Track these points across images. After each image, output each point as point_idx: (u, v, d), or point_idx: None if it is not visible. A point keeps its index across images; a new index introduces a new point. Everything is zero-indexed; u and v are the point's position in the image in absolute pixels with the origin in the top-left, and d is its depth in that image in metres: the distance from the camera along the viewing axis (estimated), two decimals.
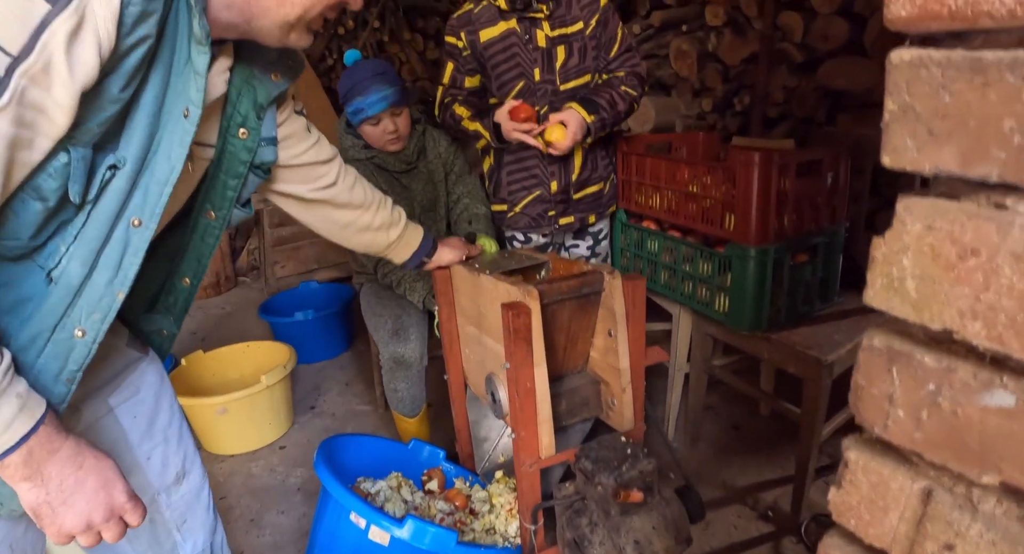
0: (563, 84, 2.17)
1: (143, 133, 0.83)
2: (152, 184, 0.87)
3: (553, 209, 2.28)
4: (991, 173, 0.50)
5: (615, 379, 1.53)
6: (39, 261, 0.84)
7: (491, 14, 2.15)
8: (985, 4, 0.47)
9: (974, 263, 0.52)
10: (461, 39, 2.21)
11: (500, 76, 2.19)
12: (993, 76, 0.48)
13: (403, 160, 2.30)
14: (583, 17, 2.13)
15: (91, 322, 0.88)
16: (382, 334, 2.21)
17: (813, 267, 2.06)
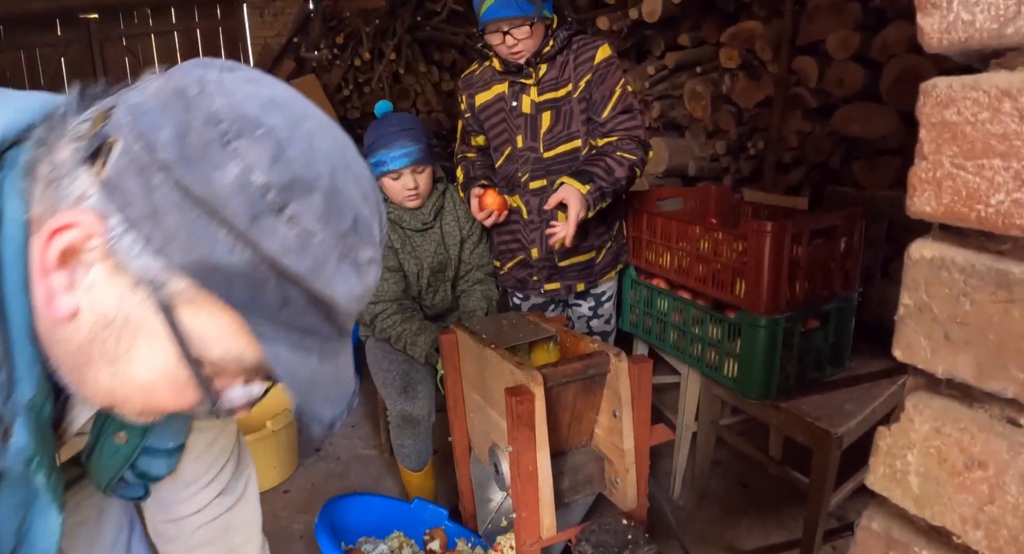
0: (547, 151, 2.11)
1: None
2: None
3: (537, 275, 2.25)
4: (1007, 390, 0.48)
5: (619, 459, 1.51)
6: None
7: (488, 76, 2.16)
8: (1018, 217, 0.45)
9: (980, 475, 0.50)
10: (464, 101, 2.24)
11: (492, 140, 2.20)
12: (1019, 294, 0.46)
13: (419, 219, 2.26)
14: (574, 79, 2.07)
15: None
16: (390, 391, 2.20)
17: (825, 333, 2.04)
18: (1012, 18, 0.43)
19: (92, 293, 0.54)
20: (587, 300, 2.35)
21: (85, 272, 0.54)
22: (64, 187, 0.53)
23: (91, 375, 0.58)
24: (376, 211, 0.60)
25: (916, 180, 0.48)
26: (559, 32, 2.04)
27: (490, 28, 1.97)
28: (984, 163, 0.45)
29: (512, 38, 1.95)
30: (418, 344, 2.17)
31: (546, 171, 2.12)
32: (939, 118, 0.47)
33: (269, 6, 6.49)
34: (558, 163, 2.12)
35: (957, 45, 0.46)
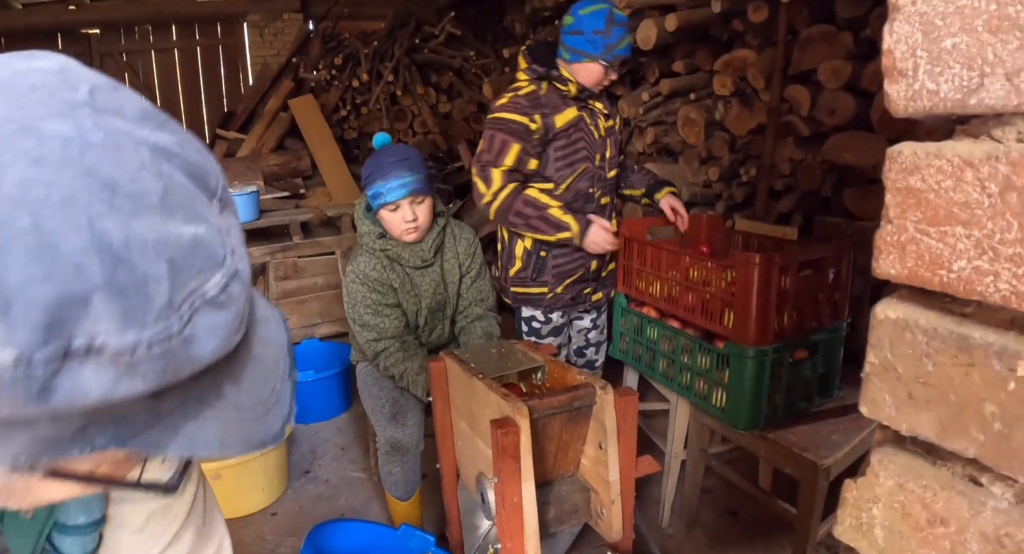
0: (609, 172, 2.41)
1: None
2: None
3: (589, 287, 2.42)
4: (968, 450, 0.48)
5: (604, 490, 1.50)
6: None
7: (556, 99, 2.24)
8: (979, 284, 0.46)
9: (942, 531, 0.51)
10: (535, 121, 2.17)
11: (563, 158, 2.25)
12: (979, 358, 0.46)
13: (419, 255, 2.21)
14: (613, 115, 2.40)
15: None
16: (379, 418, 2.19)
17: (813, 364, 2.05)
18: (975, 89, 0.44)
19: None
20: (591, 312, 2.52)
21: None
22: None
23: None
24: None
25: (882, 243, 0.49)
26: None
27: (616, 61, 2.19)
28: (947, 230, 0.46)
29: (614, 73, 2.24)
30: (419, 383, 2.15)
31: (609, 190, 2.44)
32: (904, 184, 0.48)
33: (269, 26, 6.53)
34: (613, 185, 2.47)
35: (922, 112, 0.47)
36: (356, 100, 6.09)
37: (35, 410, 0.36)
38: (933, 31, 0.44)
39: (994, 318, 0.47)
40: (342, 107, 6.10)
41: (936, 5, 0.44)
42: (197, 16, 6.62)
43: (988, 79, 0.42)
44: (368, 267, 2.19)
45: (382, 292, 2.19)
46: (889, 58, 0.46)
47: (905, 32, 0.45)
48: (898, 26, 0.46)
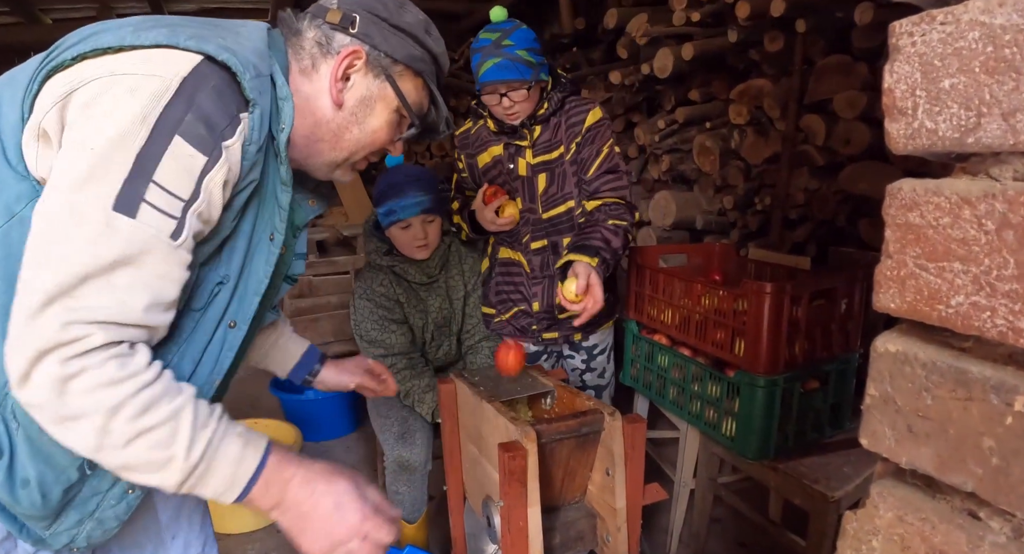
0: (545, 212, 2.15)
1: (241, 254, 1.03)
2: (246, 294, 1.06)
3: (536, 324, 2.27)
4: (966, 484, 0.49)
5: (611, 516, 1.50)
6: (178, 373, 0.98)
7: (484, 136, 2.19)
8: (976, 319, 0.47)
9: None
10: (462, 160, 2.26)
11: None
12: (977, 393, 0.47)
13: (425, 272, 2.26)
14: (566, 141, 2.09)
15: None
16: (387, 437, 2.19)
17: (824, 394, 2.03)
18: (972, 129, 0.45)
19: (353, 90, 1.09)
20: (579, 353, 2.35)
21: (350, 81, 1.09)
22: (329, 42, 1.07)
23: (345, 141, 1.12)
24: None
25: (881, 277, 0.50)
26: (553, 94, 2.06)
27: (487, 89, 1.99)
28: (945, 266, 0.46)
29: (509, 100, 1.98)
30: (426, 401, 2.17)
31: (545, 232, 2.17)
32: (903, 220, 0.49)
33: None
34: (555, 224, 2.16)
35: (921, 150, 0.48)
36: None
37: None
38: (932, 72, 0.45)
39: (992, 353, 0.47)
40: None
41: (935, 46, 0.45)
42: None
43: (985, 119, 0.43)
44: (375, 282, 2.23)
45: (388, 308, 2.22)
46: (889, 97, 0.48)
47: (905, 72, 0.47)
48: (898, 66, 0.47)
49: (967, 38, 0.43)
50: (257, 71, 0.95)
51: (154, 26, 0.91)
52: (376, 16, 1.09)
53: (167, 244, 0.86)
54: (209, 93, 0.88)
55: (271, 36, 1.07)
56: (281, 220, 1.07)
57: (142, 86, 0.85)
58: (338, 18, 1.08)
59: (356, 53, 1.07)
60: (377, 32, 1.09)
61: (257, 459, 0.92)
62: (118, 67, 0.86)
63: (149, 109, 0.84)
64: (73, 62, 0.89)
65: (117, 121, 0.83)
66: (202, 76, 0.88)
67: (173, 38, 0.89)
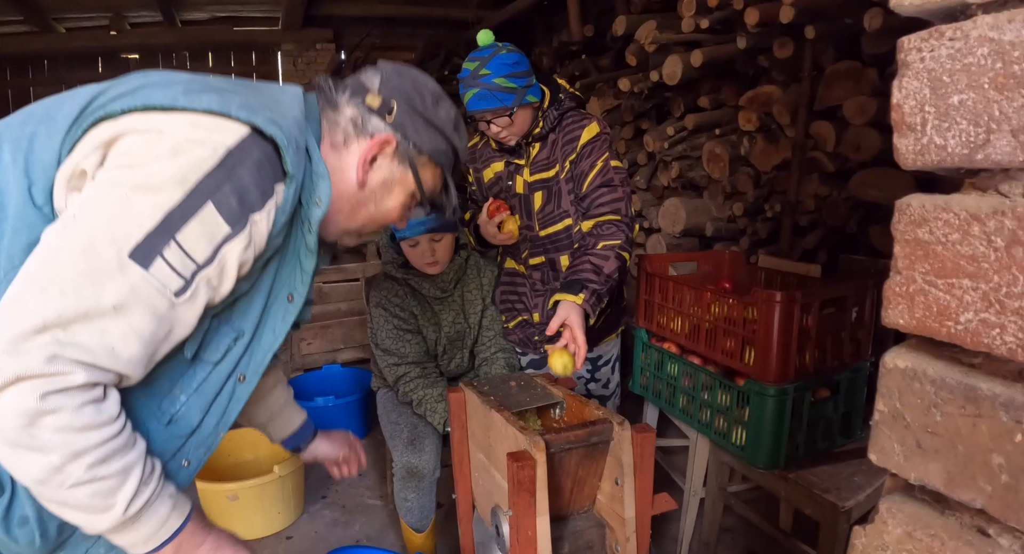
0: (542, 230, 2.14)
1: (258, 311, 1.08)
2: (258, 349, 1.11)
3: (538, 335, 2.28)
4: (975, 500, 0.48)
5: (620, 526, 1.49)
6: (163, 407, 1.03)
7: (487, 153, 2.21)
8: (985, 336, 0.46)
9: None
10: (470, 173, 2.29)
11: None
12: (987, 410, 0.46)
13: (439, 286, 2.27)
14: (561, 160, 2.08)
15: (196, 455, 1.09)
16: (397, 443, 2.20)
17: (835, 403, 2.02)
18: (982, 145, 0.45)
19: (377, 172, 1.16)
20: (584, 363, 2.32)
21: (376, 163, 1.15)
22: (365, 125, 1.13)
23: (360, 215, 1.19)
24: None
25: (891, 293, 0.50)
26: (549, 111, 2.05)
27: (476, 116, 2.00)
28: (954, 282, 0.46)
29: (495, 126, 1.98)
30: (438, 411, 2.17)
31: (543, 249, 2.17)
32: (912, 235, 0.48)
33: (303, 55, 6.68)
34: (553, 242, 2.16)
35: (930, 166, 0.48)
36: None
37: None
38: (941, 87, 0.45)
39: (1002, 369, 0.47)
40: None
41: (944, 62, 0.45)
42: (233, 44, 6.80)
43: (994, 135, 0.43)
44: (391, 293, 2.26)
45: (403, 318, 2.24)
46: (898, 113, 0.47)
47: (914, 88, 0.46)
48: (907, 82, 0.47)
49: (976, 54, 0.43)
50: (298, 145, 0.99)
51: (204, 90, 0.94)
52: (413, 108, 1.14)
53: (169, 300, 0.88)
54: (249, 167, 0.92)
55: (307, 102, 1.12)
56: (303, 283, 1.12)
57: (187, 150, 0.88)
58: (377, 103, 1.13)
59: (387, 141, 1.13)
60: (411, 123, 1.14)
61: (179, 522, 0.97)
62: (167, 126, 0.90)
63: (189, 173, 0.87)
64: (121, 114, 0.91)
65: (156, 176, 0.86)
66: (246, 149, 0.92)
67: (224, 106, 0.93)
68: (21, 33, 6.07)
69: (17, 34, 6.07)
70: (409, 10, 6.30)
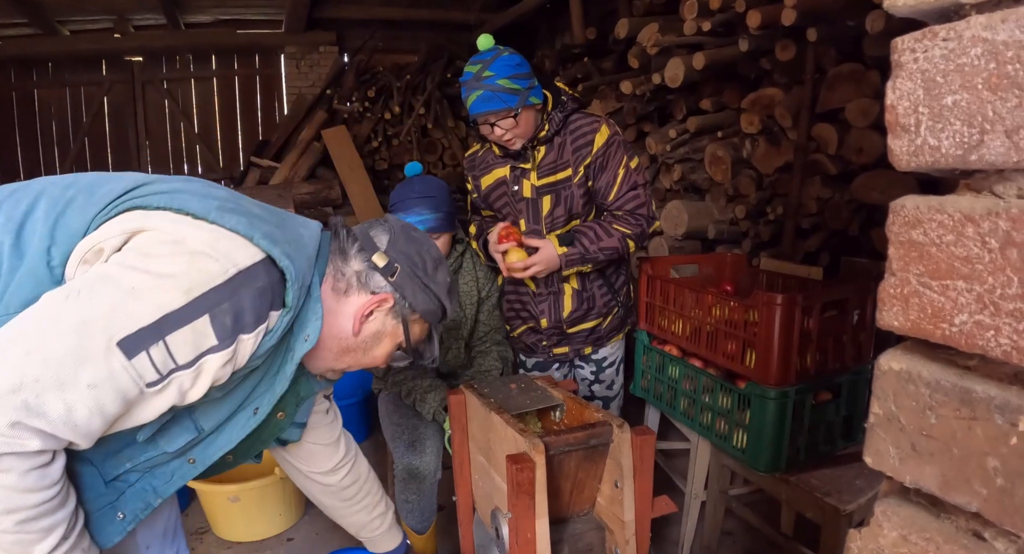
0: (550, 233, 2.13)
1: (223, 415, 1.13)
2: (212, 445, 1.16)
3: (546, 340, 2.29)
4: (971, 504, 0.48)
5: (619, 529, 1.49)
6: (105, 468, 1.07)
7: (490, 158, 2.20)
8: (980, 338, 0.46)
9: None
10: (470, 181, 2.30)
11: (499, 219, 2.25)
12: (982, 412, 0.46)
13: None
14: (573, 164, 2.07)
15: (132, 511, 1.12)
16: (398, 445, 2.20)
17: (837, 406, 2.01)
18: (975, 146, 0.44)
19: (371, 324, 1.24)
20: (589, 364, 2.36)
21: (372, 317, 1.23)
22: (368, 281, 1.21)
23: (347, 358, 1.26)
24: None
25: (885, 295, 0.50)
26: (554, 114, 2.05)
27: (478, 120, 2.01)
28: (948, 284, 0.46)
29: (499, 129, 1.98)
30: (427, 401, 2.18)
31: None
32: (907, 237, 0.48)
33: (306, 58, 6.70)
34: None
35: (925, 167, 0.48)
36: (388, 132, 6.20)
37: None
38: (934, 88, 0.45)
39: (997, 372, 0.47)
40: (374, 138, 6.20)
41: (937, 63, 0.44)
42: (236, 47, 6.82)
43: (988, 136, 0.43)
44: None
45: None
46: (892, 114, 0.47)
47: (907, 89, 0.46)
48: (900, 83, 0.47)
49: (969, 54, 0.43)
50: (303, 282, 1.06)
51: (236, 211, 1.01)
52: (414, 273, 1.25)
53: (140, 389, 0.92)
54: (252, 292, 0.98)
55: (322, 240, 1.20)
56: (269, 403, 1.17)
57: (201, 263, 0.94)
58: (383, 263, 1.22)
59: (386, 300, 1.22)
60: (410, 286, 1.24)
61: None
62: (190, 234, 0.95)
63: (196, 284, 0.93)
64: (156, 209, 0.97)
65: (164, 279, 0.91)
66: (254, 275, 0.98)
67: (250, 231, 0.99)
68: (25, 35, 6.10)
69: (21, 36, 6.10)
70: (412, 13, 6.32)
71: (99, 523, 1.08)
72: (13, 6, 5.28)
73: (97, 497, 1.08)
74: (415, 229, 1.31)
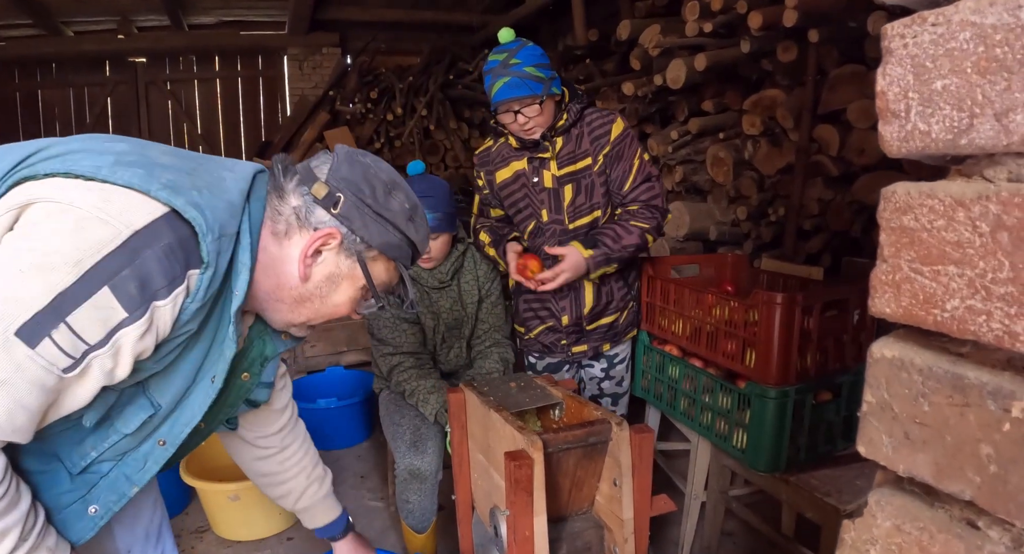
0: (572, 223, 2.17)
1: (178, 389, 1.06)
2: (178, 423, 1.09)
3: (565, 339, 2.30)
4: (964, 492, 0.48)
5: (618, 528, 1.48)
6: (73, 458, 1.03)
7: (506, 152, 2.21)
8: (972, 324, 0.46)
9: None
10: (482, 178, 2.29)
11: (515, 215, 2.26)
12: (974, 399, 0.46)
13: (436, 277, 2.29)
14: (592, 152, 2.11)
15: (105, 503, 1.07)
16: (399, 444, 2.20)
17: (837, 406, 2.01)
18: (965, 130, 0.44)
19: (322, 266, 1.10)
20: (600, 361, 2.37)
21: (321, 258, 1.09)
22: (308, 216, 1.07)
23: (304, 308, 1.13)
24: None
25: (877, 281, 0.50)
26: (571, 106, 2.09)
27: (501, 108, 2.03)
28: (940, 269, 0.46)
29: (523, 116, 2.01)
30: (430, 402, 2.17)
31: (571, 241, 2.16)
32: (898, 223, 0.48)
33: (309, 59, 6.71)
34: (582, 234, 2.16)
35: (915, 153, 0.48)
36: (390, 133, 6.21)
37: None
38: (924, 73, 0.45)
39: (989, 358, 0.46)
40: (376, 140, 6.21)
41: (926, 48, 0.44)
42: (239, 48, 6.84)
43: (978, 120, 0.43)
44: None
45: (400, 306, 2.25)
46: (882, 100, 0.47)
47: (897, 74, 0.46)
48: (891, 69, 0.47)
49: (958, 39, 0.43)
50: (222, 231, 0.93)
51: (134, 164, 0.90)
52: (361, 201, 1.08)
53: (57, 377, 0.85)
54: (156, 253, 0.87)
55: (256, 184, 1.06)
56: (222, 370, 1.07)
57: (89, 228, 0.84)
58: (323, 193, 1.06)
59: (331, 234, 1.07)
60: (358, 217, 1.08)
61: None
62: (78, 198, 0.85)
63: (86, 254, 0.83)
64: (44, 177, 0.87)
65: (52, 254, 0.82)
66: (156, 233, 0.87)
67: (146, 183, 0.88)
68: (29, 36, 6.12)
69: (25, 37, 6.12)
70: (415, 15, 6.33)
71: (68, 519, 1.04)
72: (18, 7, 5.30)
73: (63, 494, 1.03)
74: (364, 153, 1.15)
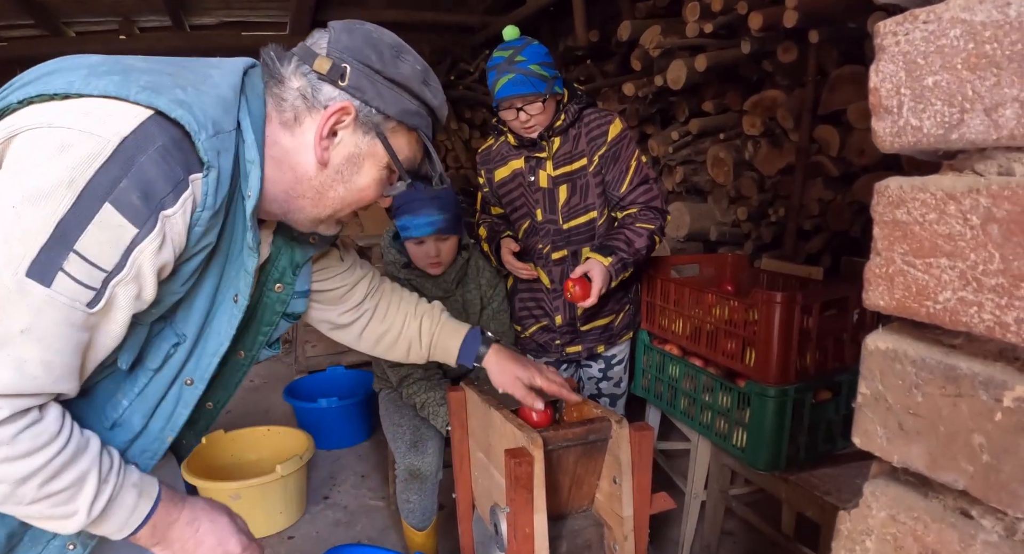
0: (566, 223, 2.18)
1: (200, 314, 1.01)
2: (204, 354, 1.04)
3: (559, 339, 2.31)
4: (958, 482, 0.49)
5: (618, 525, 1.49)
6: (105, 412, 0.99)
7: (505, 151, 2.23)
8: (964, 315, 0.47)
9: None
10: (483, 176, 2.31)
11: (512, 213, 2.28)
12: (967, 389, 0.47)
13: (440, 286, 2.28)
14: (588, 153, 2.12)
15: (143, 459, 1.04)
16: (399, 445, 2.20)
17: (836, 405, 2.01)
18: (956, 125, 0.45)
19: (340, 148, 1.01)
20: (597, 362, 2.38)
21: (337, 138, 1.01)
22: (315, 95, 0.98)
23: (328, 199, 1.04)
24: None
25: (871, 274, 0.50)
26: (570, 106, 2.10)
27: (504, 105, 2.04)
28: (932, 262, 0.47)
29: (525, 114, 2.02)
30: (440, 415, 2.17)
31: (566, 242, 2.21)
32: (891, 217, 0.49)
33: None
34: (577, 234, 2.19)
35: (908, 147, 0.48)
36: None
37: None
38: (915, 69, 0.46)
39: (981, 349, 0.47)
40: None
41: (918, 45, 0.45)
42: (241, 49, 6.76)
43: (968, 115, 0.44)
44: None
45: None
46: (875, 96, 0.48)
47: (889, 71, 0.47)
48: (883, 65, 0.47)
49: (949, 35, 0.44)
50: (217, 128, 0.87)
51: (108, 72, 0.84)
52: (369, 68, 1.00)
53: (83, 313, 0.81)
54: (152, 156, 0.81)
55: (249, 79, 0.99)
56: (246, 284, 1.02)
57: (75, 144, 0.78)
58: (327, 68, 0.98)
59: (345, 109, 0.99)
60: (369, 86, 1.00)
61: (149, 506, 0.95)
62: (57, 118, 0.80)
63: (78, 172, 0.77)
64: (20, 106, 0.83)
65: (42, 181, 0.77)
66: (147, 136, 0.81)
67: (124, 89, 0.82)
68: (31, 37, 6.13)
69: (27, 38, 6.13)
70: (415, 16, 6.34)
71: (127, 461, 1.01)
72: (19, 7, 5.32)
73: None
74: (360, 21, 1.07)
